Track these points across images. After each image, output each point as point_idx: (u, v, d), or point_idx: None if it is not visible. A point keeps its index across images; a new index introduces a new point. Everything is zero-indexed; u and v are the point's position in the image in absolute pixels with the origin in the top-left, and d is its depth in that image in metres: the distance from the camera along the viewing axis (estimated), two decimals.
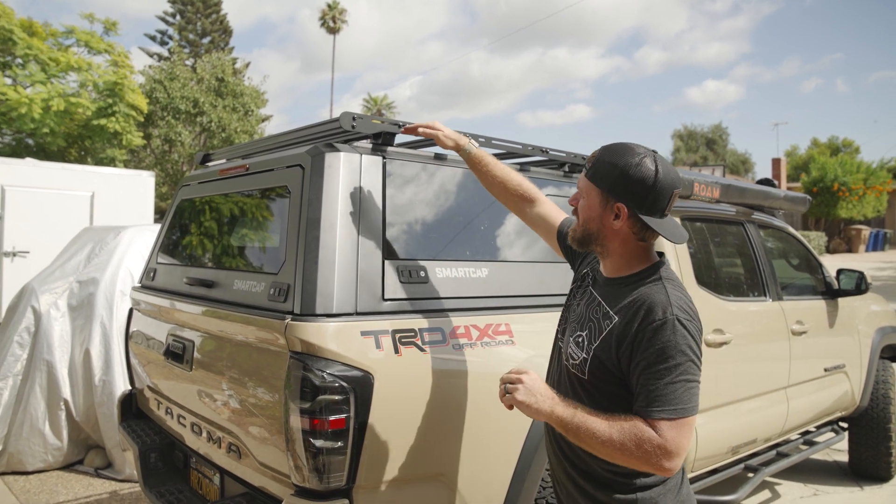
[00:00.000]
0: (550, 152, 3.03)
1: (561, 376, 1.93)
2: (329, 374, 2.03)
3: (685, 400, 1.61)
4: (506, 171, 2.34)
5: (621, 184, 1.74)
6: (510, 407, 1.75)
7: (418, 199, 2.52)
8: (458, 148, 2.39)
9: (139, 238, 5.33)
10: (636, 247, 1.81)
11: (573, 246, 1.94)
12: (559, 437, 1.88)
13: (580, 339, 1.83)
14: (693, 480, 3.50)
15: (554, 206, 2.32)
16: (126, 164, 19.97)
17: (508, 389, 1.73)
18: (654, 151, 1.80)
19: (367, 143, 2.49)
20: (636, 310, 1.71)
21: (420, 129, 2.42)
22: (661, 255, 1.88)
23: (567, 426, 1.67)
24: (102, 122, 16.58)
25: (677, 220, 3.50)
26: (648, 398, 1.62)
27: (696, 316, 1.72)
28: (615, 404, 1.72)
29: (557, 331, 2.05)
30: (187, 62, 30.58)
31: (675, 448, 1.58)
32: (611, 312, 1.78)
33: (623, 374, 1.72)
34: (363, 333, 2.14)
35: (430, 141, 2.64)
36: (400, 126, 2.51)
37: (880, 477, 4.92)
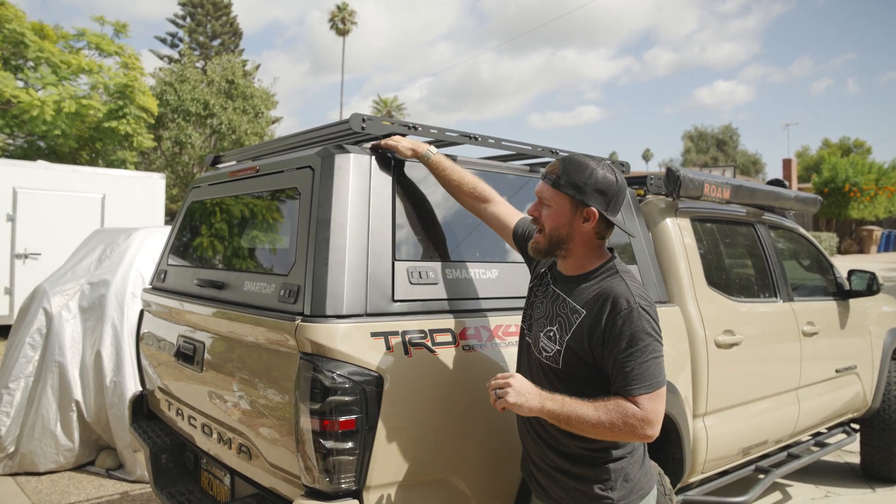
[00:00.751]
0: (560, 154, 3.03)
1: (532, 367, 2.12)
2: (339, 375, 2.03)
3: (656, 374, 1.87)
4: (462, 174, 2.47)
5: (590, 190, 1.96)
6: (502, 409, 1.91)
7: (428, 201, 2.52)
8: (416, 155, 2.47)
9: (150, 240, 5.36)
10: (594, 245, 2.05)
11: (537, 258, 2.15)
12: (535, 422, 2.09)
13: (551, 333, 2.03)
14: (703, 482, 3.49)
15: (509, 206, 2.48)
16: (136, 167, 20.10)
17: (499, 394, 1.89)
18: (604, 159, 2.08)
19: None
20: (602, 302, 1.94)
21: (382, 144, 2.46)
22: (611, 250, 2.10)
23: (558, 417, 1.87)
24: (113, 124, 16.65)
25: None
26: (627, 379, 1.85)
27: (651, 301, 1.98)
28: (586, 385, 1.95)
29: (522, 327, 2.25)
30: (197, 64, 30.73)
31: (655, 417, 1.84)
32: (577, 307, 2.00)
33: (595, 359, 1.94)
34: (373, 334, 2.15)
35: (437, 143, 2.71)
36: (409, 127, 2.53)
37: (892, 479, 4.89)
